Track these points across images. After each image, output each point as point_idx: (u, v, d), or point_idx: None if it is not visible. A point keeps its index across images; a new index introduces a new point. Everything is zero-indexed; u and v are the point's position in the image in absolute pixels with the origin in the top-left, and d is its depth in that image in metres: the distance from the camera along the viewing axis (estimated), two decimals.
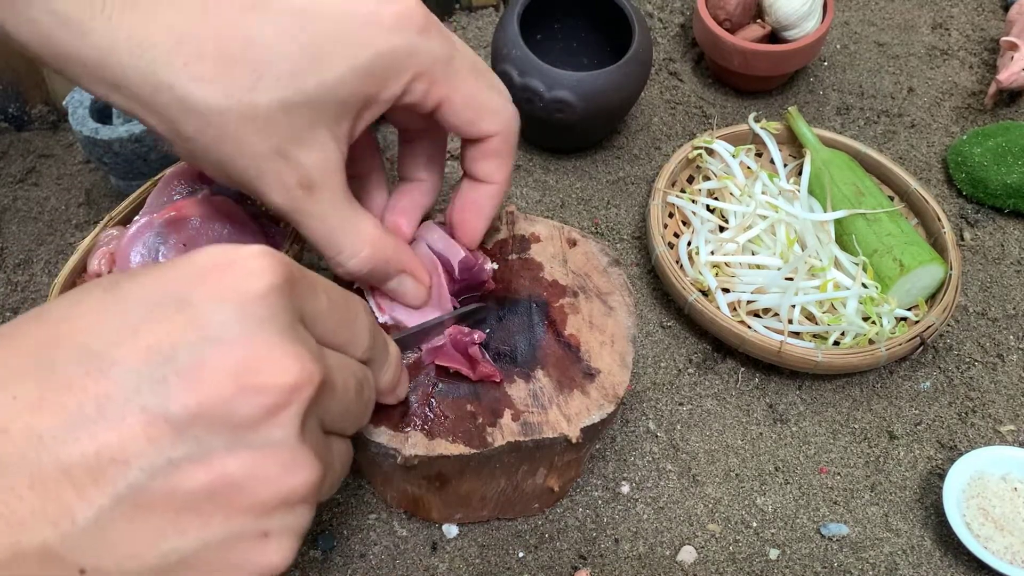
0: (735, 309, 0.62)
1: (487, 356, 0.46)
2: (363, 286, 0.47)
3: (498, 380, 0.45)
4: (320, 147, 0.38)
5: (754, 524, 0.56)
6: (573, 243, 0.52)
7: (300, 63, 0.35)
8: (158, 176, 0.57)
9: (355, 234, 0.41)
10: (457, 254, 0.46)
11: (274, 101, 0.35)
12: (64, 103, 0.63)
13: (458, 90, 0.40)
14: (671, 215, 0.68)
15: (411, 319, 0.46)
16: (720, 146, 0.69)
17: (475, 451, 0.43)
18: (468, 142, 0.44)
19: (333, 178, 0.39)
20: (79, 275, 0.51)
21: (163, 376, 0.25)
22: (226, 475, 0.26)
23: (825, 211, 0.66)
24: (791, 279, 0.61)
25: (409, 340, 0.45)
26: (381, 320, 0.46)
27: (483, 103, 0.41)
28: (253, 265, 0.27)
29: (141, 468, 0.25)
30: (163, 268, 0.28)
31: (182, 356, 0.25)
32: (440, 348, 0.45)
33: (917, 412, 0.62)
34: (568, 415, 0.45)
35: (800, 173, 0.69)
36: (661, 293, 0.66)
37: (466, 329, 0.46)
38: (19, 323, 0.27)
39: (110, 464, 0.24)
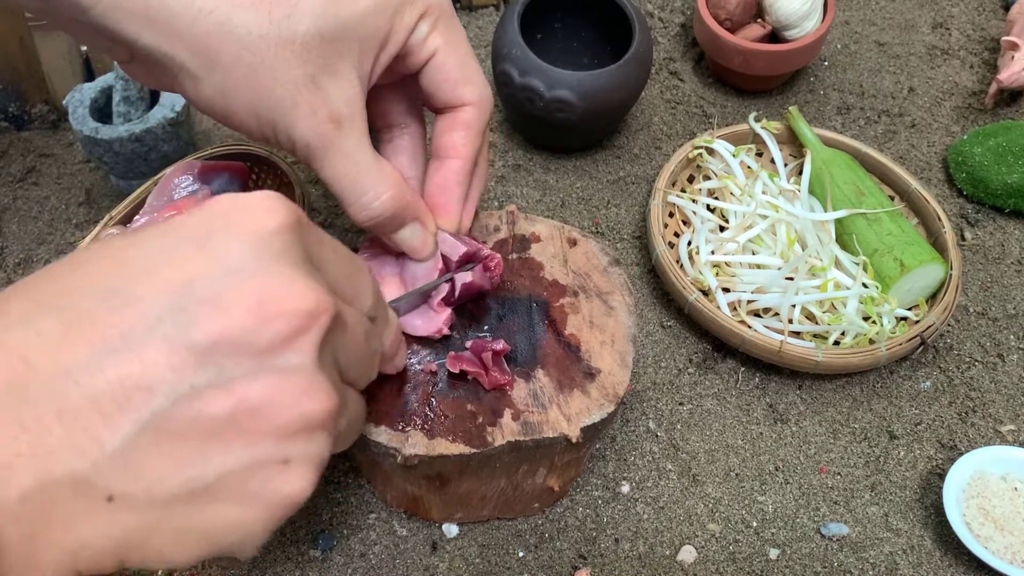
0: (735, 309, 0.62)
1: (504, 365, 0.46)
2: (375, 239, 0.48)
3: (510, 389, 0.45)
4: (348, 82, 0.39)
5: (754, 524, 0.56)
6: (573, 243, 0.52)
7: None
8: (158, 176, 0.57)
9: (378, 174, 0.42)
10: (458, 249, 0.46)
11: (312, 28, 0.37)
12: (64, 102, 0.63)
13: (452, 47, 0.42)
14: (671, 215, 0.68)
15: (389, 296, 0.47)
16: (720, 146, 0.69)
17: (475, 451, 0.43)
18: (440, 113, 0.45)
19: (359, 116, 0.40)
20: None
21: (184, 306, 0.26)
22: (248, 400, 0.26)
23: (825, 211, 0.66)
24: (791, 279, 0.61)
25: (400, 308, 0.46)
26: None
27: (470, 70, 0.43)
28: (267, 204, 0.29)
29: (165, 394, 0.25)
30: (181, 217, 0.29)
31: (202, 288, 0.26)
32: (461, 355, 0.45)
33: (917, 412, 0.62)
34: (568, 415, 0.45)
35: (800, 173, 0.69)
36: (661, 293, 0.66)
37: (489, 338, 0.46)
38: (46, 270, 0.28)
39: (135, 391, 0.25)
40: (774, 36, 0.77)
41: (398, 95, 0.46)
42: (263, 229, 0.28)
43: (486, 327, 0.48)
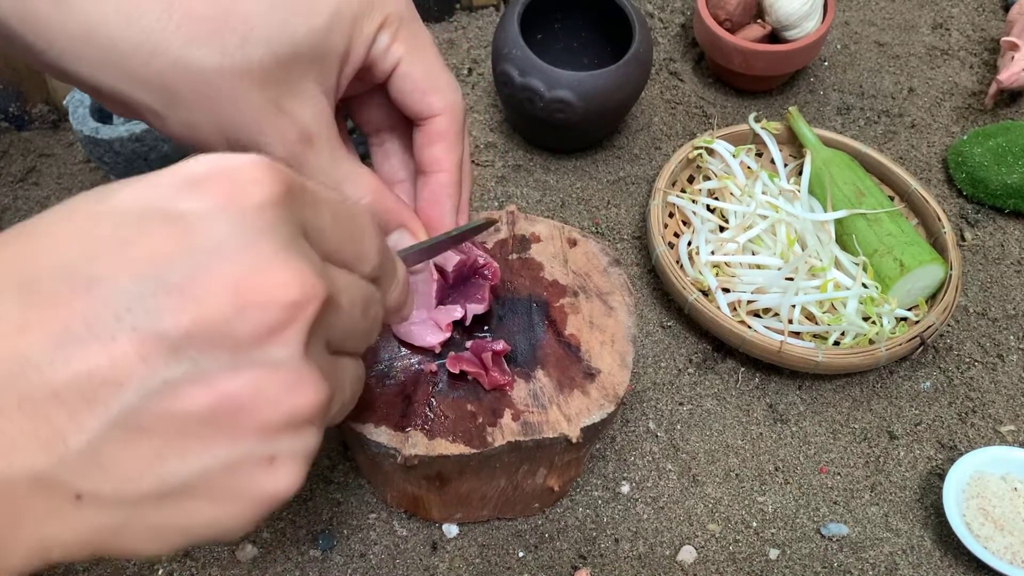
0: (735, 309, 0.62)
1: (504, 365, 0.46)
2: None
3: (510, 390, 0.45)
4: (312, 99, 0.38)
5: (754, 524, 0.56)
6: (573, 243, 0.52)
7: (287, 15, 0.36)
8: None
9: (356, 184, 0.41)
10: (451, 260, 0.46)
11: (267, 55, 0.36)
12: (64, 103, 0.63)
13: (417, 55, 0.41)
14: (671, 215, 0.68)
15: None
16: (720, 146, 0.69)
17: (475, 451, 0.43)
18: (416, 126, 0.45)
19: (329, 129, 0.39)
20: None
21: (154, 292, 0.24)
22: (227, 396, 0.24)
23: (825, 211, 0.66)
24: (791, 279, 0.61)
25: (414, 257, 0.44)
26: None
27: (437, 77, 0.42)
28: (251, 174, 0.26)
29: (135, 390, 0.23)
30: (155, 176, 0.26)
31: (175, 271, 0.24)
32: (461, 355, 0.45)
33: (917, 412, 0.62)
34: (568, 415, 0.45)
35: (800, 173, 0.69)
36: (661, 293, 0.66)
37: (489, 338, 0.46)
38: (9, 236, 0.25)
39: (102, 386, 0.23)
40: (774, 36, 0.77)
41: (380, 100, 0.46)
42: (247, 202, 0.25)
43: (486, 327, 0.48)
